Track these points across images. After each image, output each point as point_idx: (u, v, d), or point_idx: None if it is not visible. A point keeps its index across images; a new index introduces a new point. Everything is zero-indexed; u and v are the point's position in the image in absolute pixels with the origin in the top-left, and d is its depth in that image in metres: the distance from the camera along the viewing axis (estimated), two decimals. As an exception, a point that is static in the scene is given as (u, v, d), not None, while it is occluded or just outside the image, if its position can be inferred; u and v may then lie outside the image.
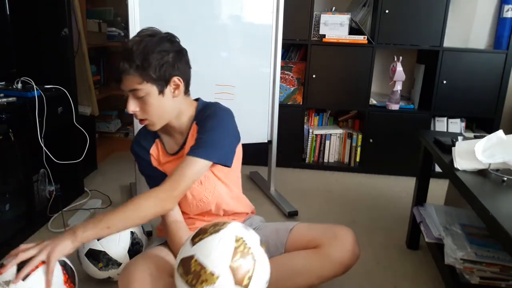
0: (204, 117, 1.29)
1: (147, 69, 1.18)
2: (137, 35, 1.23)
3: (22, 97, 1.82)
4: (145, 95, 1.20)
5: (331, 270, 1.27)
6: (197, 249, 1.01)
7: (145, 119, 1.25)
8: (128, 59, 1.17)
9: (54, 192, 2.07)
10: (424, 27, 2.57)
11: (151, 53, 1.18)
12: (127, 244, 1.46)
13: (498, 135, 1.36)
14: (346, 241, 1.28)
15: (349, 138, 2.86)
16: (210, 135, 1.25)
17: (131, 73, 1.17)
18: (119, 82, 1.21)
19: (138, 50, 1.18)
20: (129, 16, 1.87)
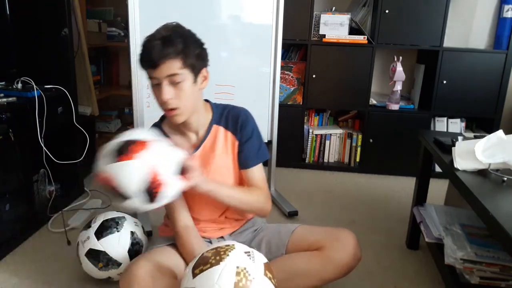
0: (235, 123, 1.35)
1: (188, 54, 1.18)
2: (165, 28, 1.21)
3: (22, 97, 1.82)
4: (181, 81, 1.19)
5: (333, 272, 1.27)
6: (197, 282, 1.01)
7: (176, 108, 1.22)
8: (170, 43, 1.16)
9: (54, 192, 2.07)
10: (424, 27, 2.57)
11: (190, 40, 1.20)
12: (127, 244, 1.46)
13: (498, 135, 1.36)
14: (348, 243, 1.29)
15: (349, 138, 2.86)
16: (255, 140, 1.37)
17: (172, 57, 1.16)
18: (153, 68, 1.17)
19: (178, 35, 1.18)
20: (129, 16, 1.87)
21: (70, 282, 1.55)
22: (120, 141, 1.11)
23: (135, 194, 1.07)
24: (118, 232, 1.46)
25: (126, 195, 1.08)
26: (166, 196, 1.12)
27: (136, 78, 1.94)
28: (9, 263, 1.67)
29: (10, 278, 1.57)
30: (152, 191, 1.08)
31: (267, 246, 1.39)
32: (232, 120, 1.36)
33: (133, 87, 1.95)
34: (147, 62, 1.17)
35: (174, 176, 1.12)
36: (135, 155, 1.07)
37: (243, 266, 1.02)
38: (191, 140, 1.36)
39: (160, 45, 1.15)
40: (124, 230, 1.47)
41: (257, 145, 1.37)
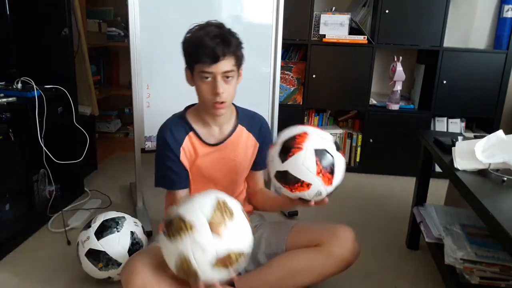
0: (257, 128, 1.47)
1: (238, 53, 1.29)
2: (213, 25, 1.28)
3: (22, 97, 1.82)
4: (232, 77, 1.29)
5: (333, 267, 1.30)
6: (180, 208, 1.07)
7: (225, 102, 1.29)
8: (229, 41, 1.25)
9: (54, 192, 2.07)
10: (424, 27, 2.57)
11: (238, 41, 1.30)
12: (127, 244, 1.46)
13: (498, 135, 1.36)
14: (346, 239, 1.32)
15: (349, 138, 2.86)
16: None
17: (231, 55, 1.25)
18: (212, 64, 1.24)
19: (231, 34, 1.28)
20: (129, 16, 1.87)
21: (70, 282, 1.55)
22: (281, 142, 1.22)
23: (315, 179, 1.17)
24: (118, 232, 1.46)
25: (309, 183, 1.17)
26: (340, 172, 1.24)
27: (136, 78, 1.94)
28: (9, 263, 1.67)
29: (10, 278, 1.57)
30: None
31: (267, 243, 1.40)
32: (255, 126, 1.46)
33: (133, 87, 1.95)
34: (209, 57, 1.22)
35: (337, 153, 1.22)
36: (302, 145, 1.18)
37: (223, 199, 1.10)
38: (214, 132, 1.40)
39: (221, 42, 1.23)
40: (124, 230, 1.47)
41: None
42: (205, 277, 1.04)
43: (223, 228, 1.03)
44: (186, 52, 1.30)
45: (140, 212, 2.06)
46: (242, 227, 1.08)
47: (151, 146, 2.05)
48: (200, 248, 1.01)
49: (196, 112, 1.40)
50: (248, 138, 1.45)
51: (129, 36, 1.90)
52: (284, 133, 1.25)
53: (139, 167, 2.06)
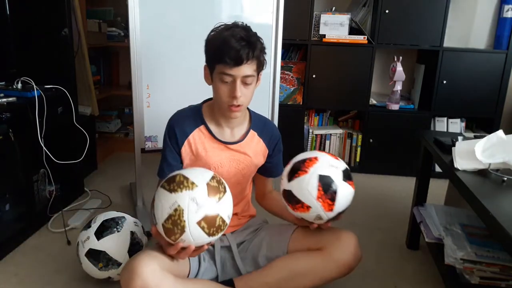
0: (269, 137, 1.46)
1: (260, 59, 1.27)
2: (237, 26, 1.25)
3: (22, 97, 1.82)
4: (252, 82, 1.27)
5: (334, 271, 1.30)
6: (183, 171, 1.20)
7: (241, 105, 1.29)
8: (254, 45, 1.23)
9: (54, 192, 2.07)
10: (424, 27, 2.57)
11: (263, 45, 1.28)
12: (127, 244, 1.46)
13: (498, 135, 1.36)
14: (349, 243, 1.31)
15: (349, 138, 2.86)
16: (281, 155, 1.54)
17: (253, 59, 1.23)
18: (234, 66, 1.22)
19: (256, 38, 1.25)
20: (129, 16, 1.87)
21: (70, 282, 1.55)
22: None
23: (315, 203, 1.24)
24: (118, 232, 1.46)
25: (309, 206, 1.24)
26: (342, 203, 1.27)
27: (136, 78, 1.94)
28: (9, 263, 1.66)
29: (10, 278, 1.57)
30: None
31: (268, 245, 1.40)
32: (267, 133, 1.45)
33: (133, 87, 1.95)
34: (233, 60, 1.20)
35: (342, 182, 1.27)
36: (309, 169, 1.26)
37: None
38: (225, 133, 1.40)
39: (247, 46, 1.21)
40: (124, 230, 1.47)
41: (281, 160, 1.52)
42: (189, 231, 1.12)
43: (217, 195, 1.15)
44: (209, 50, 1.28)
45: (140, 212, 2.07)
46: (230, 203, 1.19)
47: (151, 146, 2.05)
48: (195, 203, 1.11)
49: (211, 109, 1.39)
50: (258, 144, 1.44)
51: (129, 36, 1.90)
52: (299, 155, 1.34)
53: (139, 167, 2.06)
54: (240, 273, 1.38)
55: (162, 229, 1.14)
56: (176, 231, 1.12)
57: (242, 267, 1.38)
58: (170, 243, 1.16)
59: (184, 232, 1.12)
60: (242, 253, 1.41)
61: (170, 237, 1.15)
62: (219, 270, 1.39)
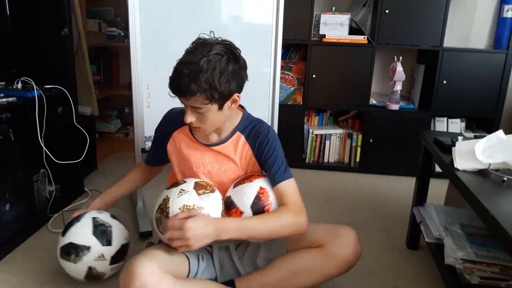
0: (255, 139, 1.36)
1: (213, 93, 1.18)
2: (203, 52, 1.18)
3: (22, 97, 1.82)
4: (205, 111, 1.22)
5: (335, 268, 1.30)
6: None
7: (200, 128, 1.29)
8: (196, 81, 1.15)
9: (54, 192, 2.07)
10: (424, 27, 2.57)
11: (220, 77, 1.18)
12: (89, 227, 1.43)
13: (498, 135, 1.36)
14: (349, 240, 1.31)
15: (349, 138, 2.86)
16: (280, 157, 1.36)
17: (195, 94, 1.17)
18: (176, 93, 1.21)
19: (208, 72, 1.16)
20: (129, 16, 1.87)
21: (70, 282, 1.55)
22: None
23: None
24: (78, 221, 1.46)
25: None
26: None
27: (136, 78, 1.94)
28: (9, 263, 1.66)
29: (10, 278, 1.57)
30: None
31: (266, 248, 1.39)
32: (253, 135, 1.36)
33: (133, 87, 1.96)
34: (173, 92, 1.20)
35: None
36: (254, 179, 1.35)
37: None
38: (209, 136, 1.39)
39: (188, 80, 1.15)
40: (84, 219, 1.46)
41: (279, 164, 1.34)
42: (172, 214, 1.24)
43: (202, 190, 1.28)
44: None
45: (140, 212, 2.06)
46: (216, 202, 1.30)
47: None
48: (181, 192, 1.27)
49: None
50: (244, 147, 1.38)
51: (129, 36, 1.90)
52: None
53: (139, 167, 2.05)
54: (239, 274, 1.38)
55: (154, 222, 1.27)
56: (163, 218, 1.23)
57: (241, 267, 1.38)
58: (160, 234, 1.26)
59: (168, 215, 1.23)
60: (240, 254, 1.41)
61: (158, 227, 1.26)
62: (218, 271, 1.38)
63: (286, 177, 1.32)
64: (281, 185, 1.31)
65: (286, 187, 1.31)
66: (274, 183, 1.32)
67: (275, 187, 1.32)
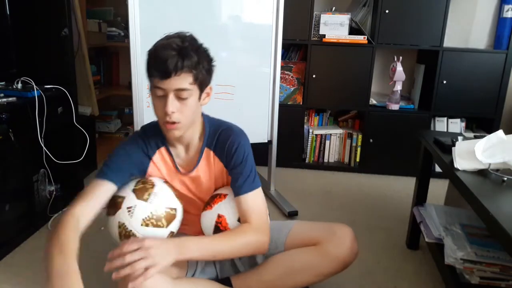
0: (222, 149, 1.28)
1: (199, 70, 1.14)
2: (180, 37, 1.15)
3: (22, 97, 1.82)
4: (188, 96, 1.15)
5: (330, 267, 1.28)
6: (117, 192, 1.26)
7: (178, 123, 1.17)
8: (186, 56, 1.10)
9: (54, 192, 2.07)
10: (424, 27, 2.57)
11: (203, 55, 1.17)
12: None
13: (498, 135, 1.36)
14: (345, 238, 1.29)
15: (349, 138, 2.86)
16: (246, 166, 1.27)
17: (186, 70, 1.11)
18: (163, 78, 1.11)
19: (194, 48, 1.14)
20: (129, 16, 1.87)
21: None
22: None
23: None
24: None
25: None
26: None
27: (136, 78, 1.94)
28: (9, 263, 1.66)
29: (10, 278, 1.57)
30: None
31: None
32: (220, 146, 1.29)
33: (133, 87, 1.95)
34: (159, 71, 1.11)
35: None
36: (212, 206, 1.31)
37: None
38: (179, 152, 1.31)
39: (176, 56, 1.10)
40: None
41: (246, 173, 1.27)
42: (142, 235, 1.21)
43: (146, 194, 1.23)
44: (146, 63, 1.17)
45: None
46: (165, 192, 1.27)
47: (151, 146, 2.04)
48: (129, 213, 1.21)
49: None
50: (214, 163, 1.32)
51: (129, 36, 1.90)
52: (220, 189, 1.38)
53: (139, 167, 2.05)
54: (238, 271, 1.38)
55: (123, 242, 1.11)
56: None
57: (240, 264, 1.38)
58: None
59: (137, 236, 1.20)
60: None
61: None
62: (218, 268, 1.39)
63: (253, 187, 1.26)
64: (246, 196, 1.25)
65: (251, 200, 1.25)
66: (239, 193, 1.26)
67: (240, 197, 1.25)
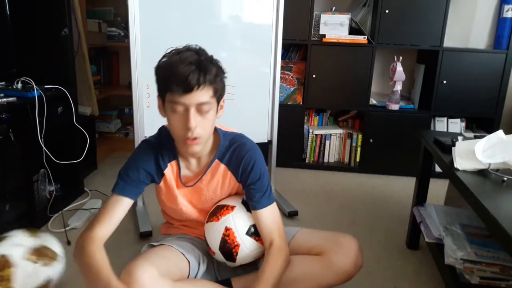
0: (243, 168, 1.28)
1: (218, 86, 1.14)
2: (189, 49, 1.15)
3: (22, 97, 1.82)
4: (209, 110, 1.14)
5: (332, 278, 1.25)
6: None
7: (199, 138, 1.16)
8: (206, 69, 1.10)
9: (54, 192, 2.07)
10: (424, 27, 2.57)
11: (218, 67, 1.16)
12: None
13: (498, 135, 1.36)
14: (350, 249, 1.26)
15: (349, 138, 2.86)
16: (263, 182, 1.30)
17: (207, 84, 1.11)
18: (184, 93, 1.10)
19: (210, 61, 1.14)
20: (129, 16, 1.87)
21: (70, 282, 1.55)
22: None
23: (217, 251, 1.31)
24: None
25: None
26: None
27: (136, 78, 1.94)
28: (9, 263, 1.66)
29: (10, 278, 1.56)
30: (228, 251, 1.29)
31: None
32: (235, 162, 1.29)
33: (133, 87, 1.95)
34: (181, 87, 1.08)
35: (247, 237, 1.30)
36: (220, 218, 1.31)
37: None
38: (191, 167, 1.32)
39: (197, 70, 1.08)
40: None
41: (264, 188, 1.30)
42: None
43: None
44: (158, 79, 1.17)
45: (140, 212, 2.07)
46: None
47: (151, 146, 2.04)
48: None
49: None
50: (226, 175, 1.31)
51: (129, 36, 1.90)
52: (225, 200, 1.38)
53: (139, 167, 2.05)
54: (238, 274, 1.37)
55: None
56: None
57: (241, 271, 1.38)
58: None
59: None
60: None
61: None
62: (217, 271, 1.38)
63: (270, 201, 1.29)
64: (265, 211, 1.28)
65: (270, 214, 1.29)
66: (257, 207, 1.28)
67: (259, 211, 1.28)
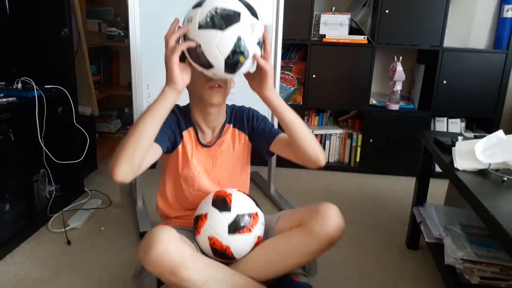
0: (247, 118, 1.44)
1: None
2: None
3: (22, 97, 1.82)
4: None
5: (315, 245, 1.24)
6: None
7: (222, 87, 1.32)
8: None
9: (54, 192, 2.07)
10: (424, 27, 2.57)
11: None
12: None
13: (498, 135, 1.36)
14: (329, 214, 1.25)
15: (349, 138, 2.86)
16: (267, 123, 1.45)
17: None
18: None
19: None
20: (129, 16, 1.87)
21: (70, 282, 1.55)
22: None
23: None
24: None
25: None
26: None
27: (136, 78, 1.94)
28: (9, 263, 1.67)
29: (10, 278, 1.57)
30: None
31: None
32: (239, 118, 1.44)
33: (133, 87, 1.95)
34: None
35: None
36: None
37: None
38: (206, 136, 1.41)
39: None
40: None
41: (270, 125, 1.45)
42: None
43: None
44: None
45: (140, 212, 2.06)
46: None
47: (151, 146, 2.04)
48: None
49: (192, 113, 1.40)
50: (234, 135, 1.44)
51: (129, 36, 1.90)
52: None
53: (139, 167, 2.05)
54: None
55: None
56: None
57: None
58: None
59: None
60: None
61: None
62: None
63: (279, 130, 1.42)
64: (282, 134, 1.39)
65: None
66: (276, 134, 1.40)
67: (277, 137, 1.40)
